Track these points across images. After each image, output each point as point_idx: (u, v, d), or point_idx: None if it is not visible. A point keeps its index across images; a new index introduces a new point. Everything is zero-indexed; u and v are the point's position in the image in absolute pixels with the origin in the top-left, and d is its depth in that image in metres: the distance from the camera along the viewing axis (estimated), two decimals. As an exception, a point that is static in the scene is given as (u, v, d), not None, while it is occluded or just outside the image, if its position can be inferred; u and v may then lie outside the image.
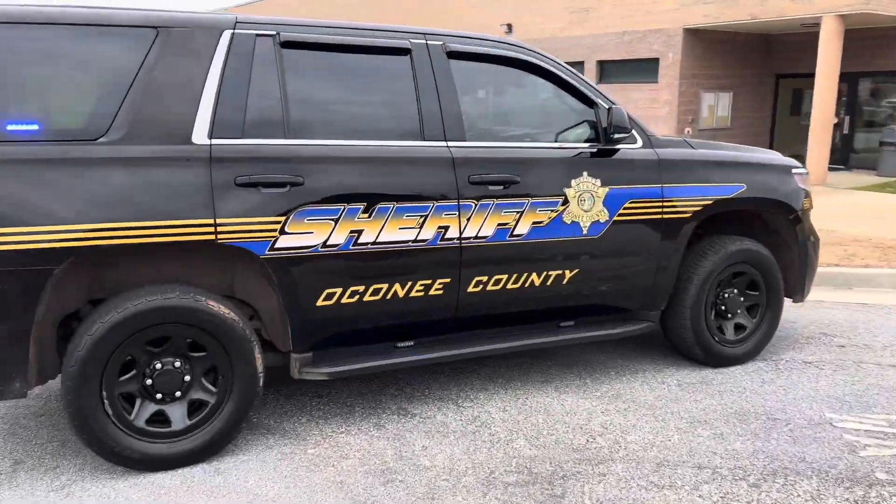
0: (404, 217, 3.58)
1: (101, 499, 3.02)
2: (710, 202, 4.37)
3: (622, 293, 4.27)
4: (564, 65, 4.20)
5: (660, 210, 4.23)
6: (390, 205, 3.54)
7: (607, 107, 4.07)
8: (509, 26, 23.33)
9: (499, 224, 3.80)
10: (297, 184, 3.35)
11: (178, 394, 3.27)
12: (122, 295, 3.17)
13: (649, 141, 4.29)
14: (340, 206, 3.44)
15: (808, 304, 5.98)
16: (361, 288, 3.54)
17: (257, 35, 3.46)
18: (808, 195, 4.82)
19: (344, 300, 3.52)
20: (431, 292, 3.71)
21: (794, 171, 4.80)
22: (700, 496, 3.00)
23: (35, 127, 3.03)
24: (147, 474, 3.20)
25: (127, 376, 3.19)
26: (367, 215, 3.49)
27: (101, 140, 3.09)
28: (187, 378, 3.28)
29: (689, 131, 18.51)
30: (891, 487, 3.05)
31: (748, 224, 4.91)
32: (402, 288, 3.63)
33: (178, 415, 3.29)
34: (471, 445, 3.48)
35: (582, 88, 4.16)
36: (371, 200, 3.50)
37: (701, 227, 4.83)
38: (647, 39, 19.21)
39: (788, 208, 4.66)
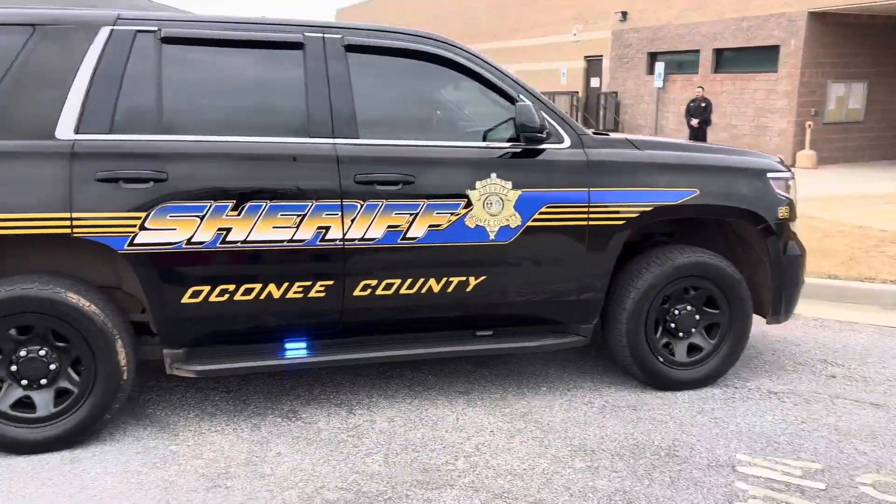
0: (278, 216, 3.48)
1: (-51, 475, 3.18)
2: (648, 209, 3.93)
3: (541, 304, 3.94)
4: (483, 58, 3.93)
5: (585, 216, 3.85)
6: (262, 203, 3.46)
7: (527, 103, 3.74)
8: (624, 14, 22.44)
9: (389, 226, 3.61)
10: (159, 179, 3.35)
11: (43, 381, 3.38)
12: (-11, 284, 3.31)
13: (580, 140, 3.91)
14: (206, 203, 3.40)
15: (832, 324, 5.37)
16: (231, 287, 3.49)
17: (138, 31, 3.48)
18: (787, 203, 4.22)
19: (212, 298, 3.48)
20: (311, 294, 3.59)
21: (770, 175, 4.22)
22: (521, 537, 2.71)
23: None
24: (7, 456, 3.33)
25: (-8, 361, 3.33)
26: (236, 213, 3.43)
27: (-36, 135, 3.23)
28: (53, 367, 3.38)
29: (810, 125, 16.98)
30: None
31: (723, 234, 4.41)
32: (278, 289, 3.54)
33: (42, 401, 3.39)
34: (326, 456, 3.35)
35: (501, 84, 3.86)
36: (241, 198, 3.43)
37: (667, 236, 4.42)
38: (766, 25, 17.79)
39: (756, 217, 4.11)
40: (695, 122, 17.09)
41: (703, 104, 17.05)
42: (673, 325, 4.13)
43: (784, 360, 4.64)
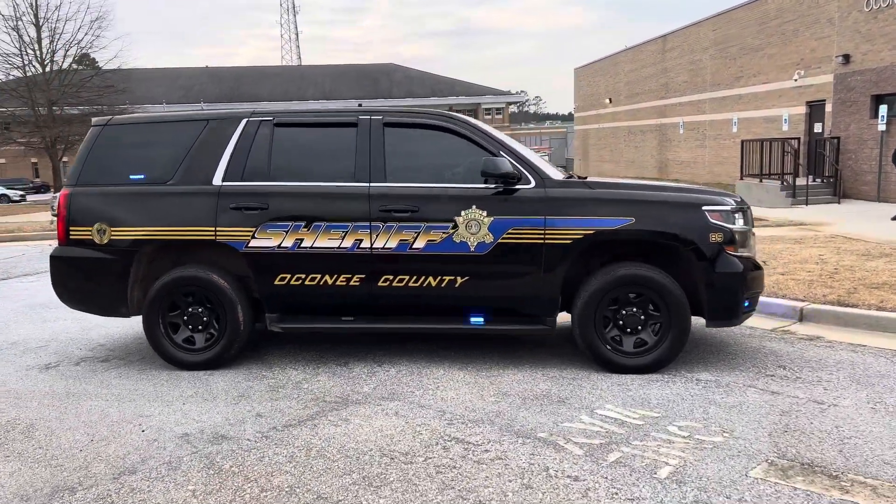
0: (332, 231, 5.51)
1: None
2: (591, 231, 5.31)
3: (511, 299, 5.49)
4: (477, 126, 5.66)
5: (542, 236, 5.36)
6: (322, 223, 5.51)
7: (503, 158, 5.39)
8: (846, 57, 21.71)
9: (400, 240, 5.47)
10: (263, 208, 5.57)
11: (201, 327, 5.72)
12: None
13: (542, 182, 5.45)
14: (289, 223, 5.54)
15: (821, 343, 6.06)
16: (303, 275, 5.55)
17: (262, 120, 5.80)
18: (719, 230, 5.28)
19: (292, 282, 5.58)
20: (352, 283, 5.54)
21: (706, 208, 5.34)
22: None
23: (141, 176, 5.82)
24: (174, 370, 5.70)
25: None
26: (307, 229, 5.52)
27: (169, 182, 5.75)
28: (206, 318, 5.70)
29: None
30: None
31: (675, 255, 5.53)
32: (331, 278, 5.55)
33: (199, 339, 5.74)
34: (342, 383, 5.25)
35: (486, 144, 5.55)
36: (310, 219, 5.52)
37: (642, 256, 5.61)
38: None
39: (684, 240, 5.27)
40: (903, 166, 16.27)
41: (913, 148, 16.17)
42: (621, 322, 5.41)
43: (750, 363, 5.54)
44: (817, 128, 23.50)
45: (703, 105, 30.39)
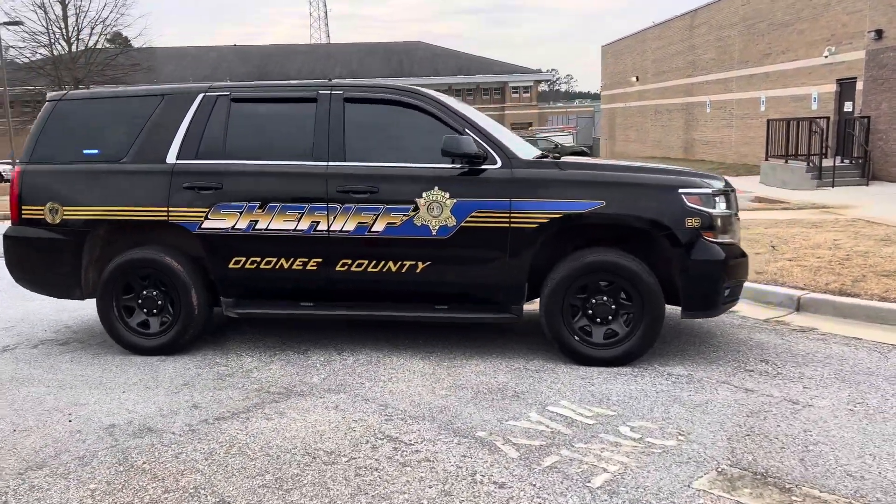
0: (287, 213, 5.24)
1: None
2: (558, 215, 4.96)
3: (474, 286, 5.17)
4: (442, 102, 5.31)
5: (507, 219, 5.02)
6: (277, 203, 5.25)
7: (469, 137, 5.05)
8: (878, 32, 20.77)
9: (359, 222, 5.18)
10: (218, 188, 5.32)
11: (154, 311, 5.52)
12: (130, 249, 5.55)
13: (509, 162, 5.10)
14: (244, 203, 5.28)
15: (814, 335, 5.67)
16: (258, 259, 5.30)
17: (219, 95, 5.53)
18: (697, 215, 4.89)
19: (247, 266, 5.34)
20: (308, 267, 5.28)
21: (682, 190, 4.95)
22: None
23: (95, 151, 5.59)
24: (129, 355, 5.51)
25: None
26: (262, 210, 5.26)
27: (122, 159, 5.52)
28: (160, 302, 5.49)
29: None
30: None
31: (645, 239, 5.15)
32: (287, 262, 5.28)
33: (154, 323, 5.53)
34: (293, 371, 5.01)
35: (450, 121, 5.21)
36: (264, 200, 5.25)
37: (621, 242, 5.23)
38: None
39: (657, 225, 4.90)
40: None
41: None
42: (591, 312, 5.07)
43: (730, 356, 5.18)
44: (847, 107, 22.59)
45: (730, 83, 29.47)
